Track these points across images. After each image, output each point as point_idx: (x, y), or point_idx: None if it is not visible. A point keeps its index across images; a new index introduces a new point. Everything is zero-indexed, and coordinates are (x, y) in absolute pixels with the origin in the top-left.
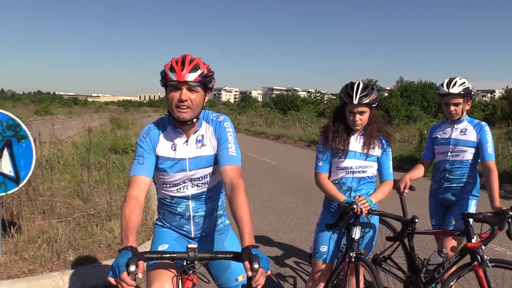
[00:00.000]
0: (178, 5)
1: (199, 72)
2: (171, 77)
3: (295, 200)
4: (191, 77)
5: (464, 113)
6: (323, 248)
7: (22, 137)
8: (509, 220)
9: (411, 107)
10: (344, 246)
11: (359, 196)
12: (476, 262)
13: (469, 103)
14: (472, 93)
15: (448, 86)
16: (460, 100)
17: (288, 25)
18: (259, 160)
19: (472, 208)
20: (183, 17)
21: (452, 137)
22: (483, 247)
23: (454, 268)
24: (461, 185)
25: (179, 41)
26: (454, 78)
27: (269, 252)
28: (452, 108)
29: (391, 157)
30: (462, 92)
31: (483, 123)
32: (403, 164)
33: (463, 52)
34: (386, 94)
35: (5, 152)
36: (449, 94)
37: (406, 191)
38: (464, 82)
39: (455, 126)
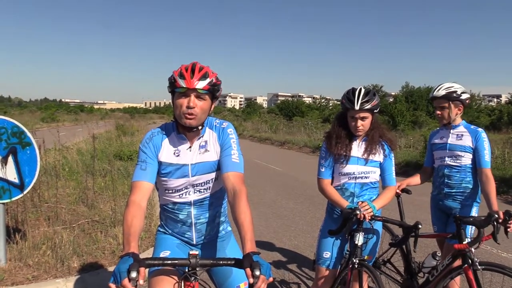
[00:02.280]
0: (183, 11)
1: (208, 80)
2: (180, 83)
3: (300, 206)
4: (200, 84)
5: (457, 118)
6: (326, 254)
7: (27, 144)
8: (495, 222)
9: (416, 112)
10: (347, 252)
11: (362, 202)
12: (466, 265)
13: (459, 108)
14: (462, 97)
15: (434, 90)
16: (445, 104)
17: (293, 31)
18: (264, 166)
19: (474, 215)
20: (188, 24)
21: (449, 142)
22: (473, 250)
23: (444, 271)
24: (461, 190)
25: (184, 47)
26: (443, 83)
27: (273, 258)
28: (438, 111)
29: (393, 163)
30: (446, 95)
31: (480, 129)
32: (408, 169)
33: (469, 57)
34: (391, 100)
35: (10, 159)
36: (434, 98)
37: (399, 191)
38: (451, 86)
39: (451, 131)
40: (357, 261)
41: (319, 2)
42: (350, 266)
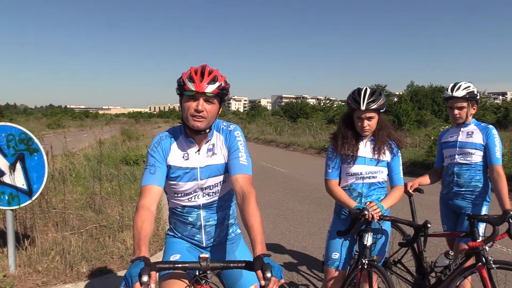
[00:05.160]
0: (186, 15)
1: (217, 84)
2: (190, 87)
3: (307, 208)
4: (210, 88)
5: (470, 117)
6: (335, 255)
7: (34, 151)
8: (510, 220)
9: (421, 111)
10: (356, 253)
11: (370, 202)
12: (480, 263)
13: (474, 107)
14: (478, 97)
15: (452, 90)
16: (464, 104)
17: (296, 32)
18: (269, 169)
19: (484, 214)
20: (191, 27)
21: (459, 140)
22: (487, 248)
23: (458, 271)
24: (471, 189)
25: (187, 51)
26: (459, 83)
27: (281, 260)
28: (456, 111)
29: (401, 162)
30: (466, 96)
31: (490, 126)
32: (414, 169)
33: (473, 55)
34: (395, 99)
35: (18, 166)
36: (453, 97)
37: (411, 191)
38: (468, 86)
39: (462, 129)
40: (367, 261)
41: (322, 3)
42: (360, 266)
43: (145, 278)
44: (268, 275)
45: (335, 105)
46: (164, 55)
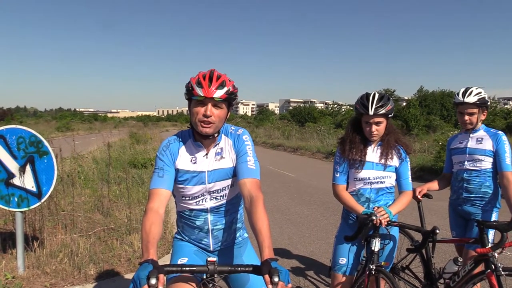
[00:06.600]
0: (193, 19)
1: (225, 89)
2: (198, 92)
3: (314, 212)
4: (218, 93)
5: (480, 123)
6: (342, 261)
7: (44, 153)
8: None
9: (430, 116)
10: (364, 259)
11: (378, 207)
12: (489, 270)
13: (484, 113)
14: (488, 103)
15: (463, 95)
16: (475, 110)
17: (304, 36)
18: (277, 173)
19: (493, 220)
20: (199, 31)
21: (468, 146)
22: (496, 255)
23: (466, 277)
24: (480, 195)
25: (195, 55)
26: (470, 88)
27: (288, 265)
28: (467, 117)
29: (409, 167)
30: (477, 102)
31: (500, 132)
32: (422, 174)
33: (483, 59)
34: (404, 104)
35: (28, 168)
36: (464, 103)
37: (419, 197)
38: (480, 92)
39: (471, 135)
40: (374, 267)
41: (330, 8)
42: (367, 272)
43: (153, 281)
44: (276, 279)
45: (343, 110)
46: (173, 58)
